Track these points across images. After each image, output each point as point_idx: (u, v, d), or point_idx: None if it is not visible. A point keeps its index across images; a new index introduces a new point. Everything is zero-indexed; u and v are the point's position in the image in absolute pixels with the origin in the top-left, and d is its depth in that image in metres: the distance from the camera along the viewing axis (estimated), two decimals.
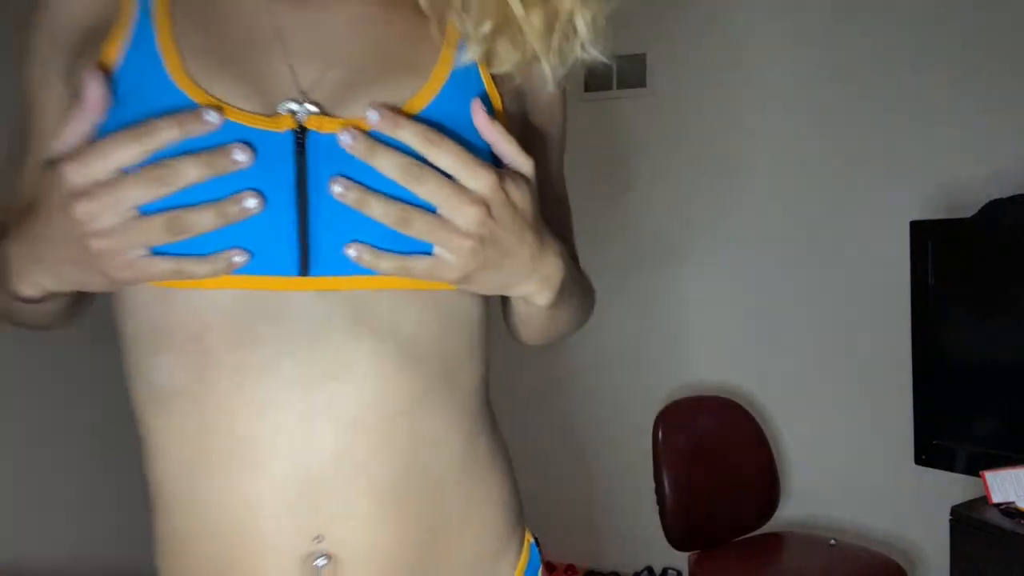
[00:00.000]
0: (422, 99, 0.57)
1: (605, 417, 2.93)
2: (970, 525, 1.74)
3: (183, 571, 0.59)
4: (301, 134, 0.54)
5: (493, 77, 0.61)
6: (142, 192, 0.49)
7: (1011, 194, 2.11)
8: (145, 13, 0.56)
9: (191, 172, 0.49)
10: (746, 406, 2.56)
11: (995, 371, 2.07)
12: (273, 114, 0.54)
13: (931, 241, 2.16)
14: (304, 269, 0.54)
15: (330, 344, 0.55)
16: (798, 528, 2.60)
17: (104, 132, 0.51)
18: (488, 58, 0.59)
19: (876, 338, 2.56)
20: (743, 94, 2.73)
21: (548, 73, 0.59)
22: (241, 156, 0.50)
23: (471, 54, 0.58)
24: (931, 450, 2.15)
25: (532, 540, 0.71)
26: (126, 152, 0.49)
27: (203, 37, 0.56)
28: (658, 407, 2.41)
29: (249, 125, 0.53)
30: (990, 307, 2.10)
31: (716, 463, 2.37)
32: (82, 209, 0.48)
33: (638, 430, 2.57)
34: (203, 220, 0.50)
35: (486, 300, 0.64)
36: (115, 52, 0.55)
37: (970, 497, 1.90)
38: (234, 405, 0.55)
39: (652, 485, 2.25)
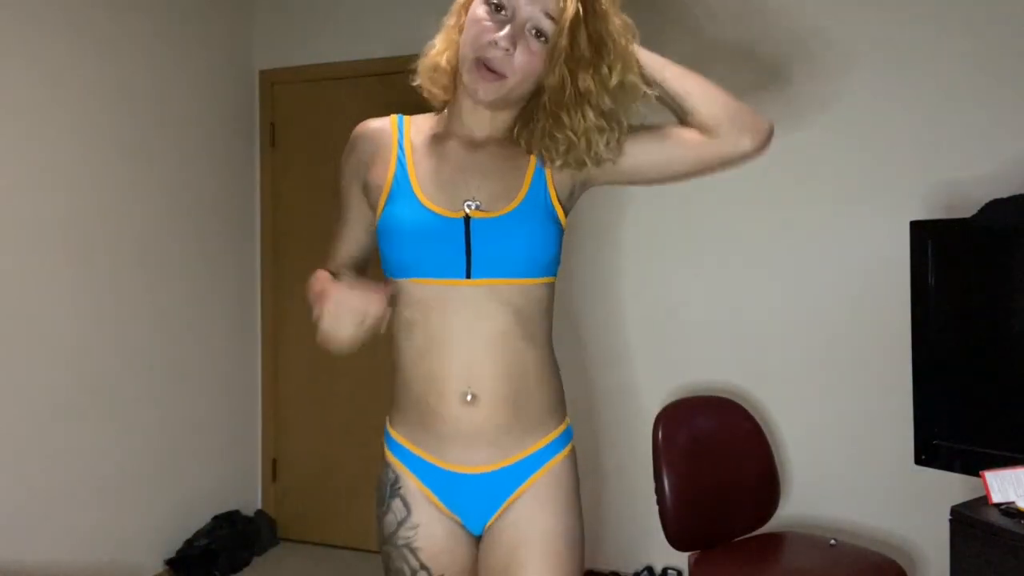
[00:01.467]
0: (519, 199, 1.24)
1: (605, 417, 2.93)
2: (970, 525, 1.74)
3: (407, 400, 1.28)
4: (467, 219, 1.21)
5: (553, 178, 1.28)
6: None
7: (1011, 194, 2.10)
8: (402, 163, 1.27)
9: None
10: (746, 406, 2.56)
11: (995, 371, 2.07)
12: (458, 209, 1.22)
13: (931, 241, 2.16)
14: (468, 275, 1.21)
15: (479, 305, 1.22)
16: (798, 528, 2.60)
17: (385, 220, 1.24)
18: (557, 161, 1.25)
19: (876, 338, 2.56)
20: (744, 93, 2.72)
21: (590, 164, 1.25)
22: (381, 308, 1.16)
23: (557, 164, 1.25)
24: (931, 450, 2.15)
25: (569, 423, 1.36)
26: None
27: (428, 172, 1.26)
28: (658, 407, 2.41)
29: (445, 215, 1.21)
30: (990, 307, 2.10)
31: (716, 463, 2.37)
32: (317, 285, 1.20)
33: (638, 430, 2.57)
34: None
35: (552, 289, 1.30)
36: (389, 179, 1.27)
37: (970, 497, 1.90)
38: (439, 329, 1.22)
39: (652, 485, 2.25)
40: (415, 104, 1.36)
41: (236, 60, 3.39)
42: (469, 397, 1.22)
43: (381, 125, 1.33)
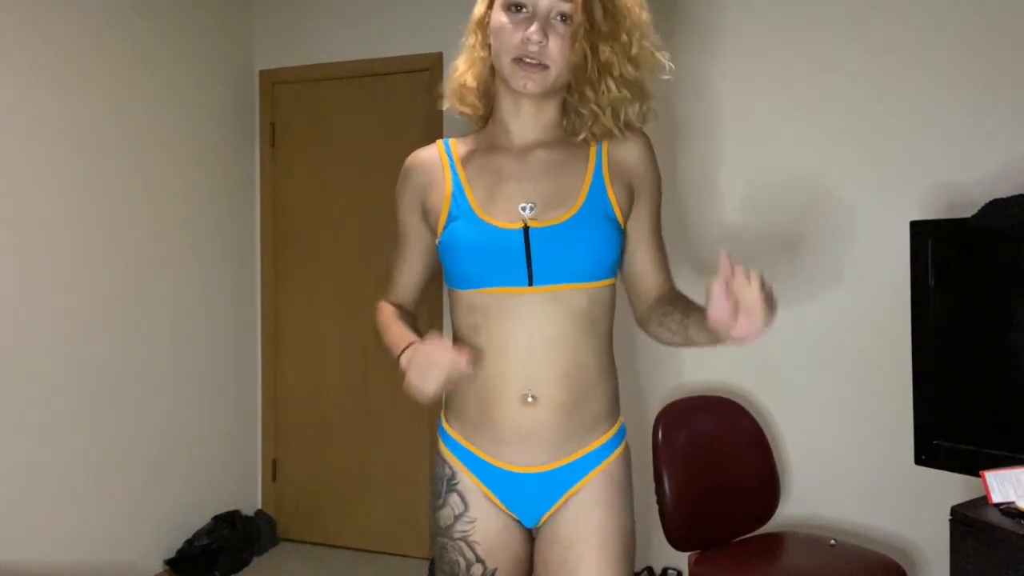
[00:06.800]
0: (577, 205, 1.27)
1: None
2: (970, 525, 1.74)
3: (465, 400, 1.32)
4: (526, 229, 1.25)
5: (612, 183, 1.30)
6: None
7: (1011, 194, 2.10)
8: (457, 183, 1.32)
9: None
10: (746, 406, 2.56)
11: (995, 371, 2.07)
12: (516, 219, 1.25)
13: (931, 241, 2.16)
14: (530, 283, 1.25)
15: (539, 310, 1.25)
16: (798, 528, 2.60)
17: (447, 238, 1.29)
18: (581, 135, 1.31)
19: (876, 338, 2.56)
20: (747, 90, 2.73)
21: (617, 132, 1.31)
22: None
23: (580, 137, 1.32)
24: (931, 450, 2.15)
25: (623, 422, 1.38)
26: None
27: (480, 184, 1.31)
28: (658, 407, 2.40)
29: (504, 228, 1.25)
30: (990, 307, 2.10)
31: (716, 463, 2.37)
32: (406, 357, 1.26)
33: (638, 430, 2.57)
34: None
35: (614, 291, 1.33)
36: (447, 199, 1.31)
37: (970, 497, 1.90)
38: (501, 333, 1.26)
39: (652, 485, 2.25)
40: (411, 105, 1.36)
41: (236, 60, 3.39)
42: (530, 399, 1.25)
43: (429, 152, 1.39)
